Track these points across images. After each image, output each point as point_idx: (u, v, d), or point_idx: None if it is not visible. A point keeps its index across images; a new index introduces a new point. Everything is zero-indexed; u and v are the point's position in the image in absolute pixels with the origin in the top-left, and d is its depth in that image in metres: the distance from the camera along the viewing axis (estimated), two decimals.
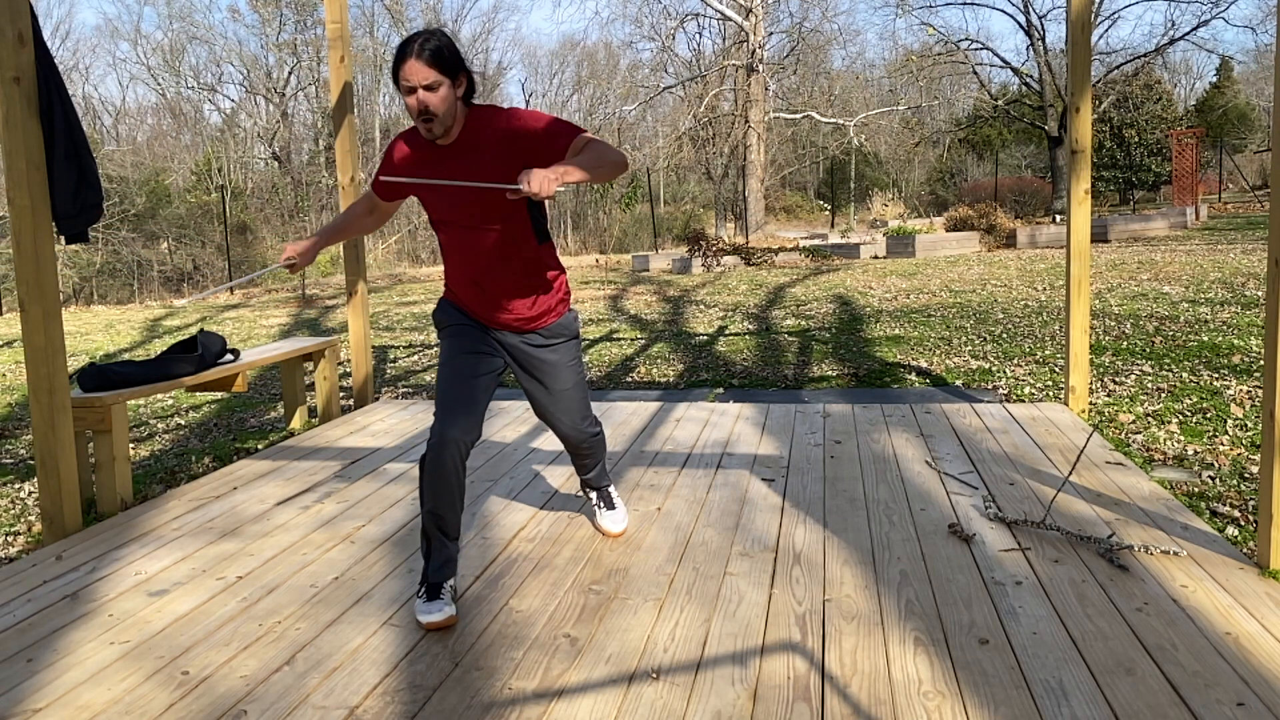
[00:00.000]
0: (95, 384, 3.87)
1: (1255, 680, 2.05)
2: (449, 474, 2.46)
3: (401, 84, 2.31)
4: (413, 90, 2.30)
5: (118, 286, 25.44)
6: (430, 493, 2.48)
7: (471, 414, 2.48)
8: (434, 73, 2.29)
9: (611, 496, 3.14)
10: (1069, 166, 4.60)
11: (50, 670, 2.31)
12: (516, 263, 2.55)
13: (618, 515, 3.12)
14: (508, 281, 2.56)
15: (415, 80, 2.28)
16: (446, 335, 2.65)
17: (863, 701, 2.03)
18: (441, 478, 2.46)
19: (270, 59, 35.85)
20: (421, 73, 2.28)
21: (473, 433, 2.48)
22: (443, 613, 2.45)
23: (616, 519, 3.11)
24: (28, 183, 3.24)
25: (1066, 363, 4.71)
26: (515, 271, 2.56)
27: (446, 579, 2.54)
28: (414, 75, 2.28)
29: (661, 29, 25.86)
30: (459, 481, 2.49)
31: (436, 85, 2.30)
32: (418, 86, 2.29)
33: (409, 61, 2.28)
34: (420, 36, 2.30)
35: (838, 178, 35.45)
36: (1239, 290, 8.66)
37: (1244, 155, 33.90)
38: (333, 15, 5.25)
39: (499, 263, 2.53)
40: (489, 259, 2.52)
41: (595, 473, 3.07)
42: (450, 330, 2.65)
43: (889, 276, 12.54)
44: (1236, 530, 3.08)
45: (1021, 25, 25.62)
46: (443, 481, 2.46)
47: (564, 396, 2.73)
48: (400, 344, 8.72)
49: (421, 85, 2.29)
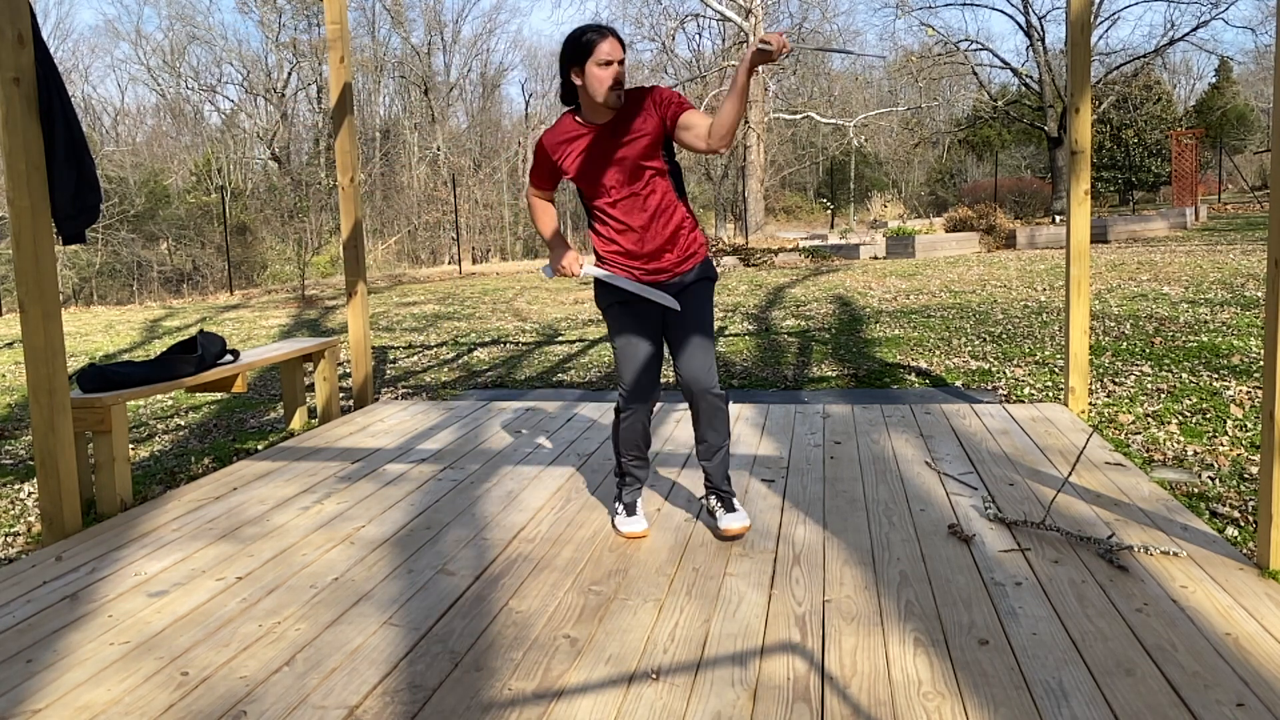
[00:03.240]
0: (95, 384, 3.87)
1: (1255, 681, 2.05)
2: (641, 433, 3.04)
3: (600, 59, 2.72)
4: (610, 63, 2.72)
5: (117, 287, 25.45)
6: (626, 448, 3.06)
7: (654, 383, 2.99)
8: (621, 52, 2.76)
9: (733, 500, 3.09)
10: (1068, 167, 4.60)
11: (50, 671, 2.31)
12: (670, 216, 2.92)
13: (740, 515, 3.03)
14: (664, 235, 2.92)
15: (616, 55, 2.73)
16: (616, 314, 2.99)
17: (862, 702, 2.03)
18: (635, 436, 3.03)
19: (270, 59, 35.85)
20: (618, 51, 2.75)
21: (656, 397, 3.05)
22: (642, 526, 3.07)
23: (739, 518, 3.01)
24: (28, 183, 3.24)
25: (1066, 363, 4.71)
26: (670, 224, 2.92)
27: (639, 498, 3.15)
28: (615, 52, 2.74)
29: (661, 30, 25.88)
30: (648, 434, 3.08)
31: (623, 62, 2.76)
32: (614, 61, 2.73)
33: (609, 39, 2.74)
34: (605, 25, 2.76)
35: (837, 178, 35.45)
36: (1239, 291, 8.66)
37: (1243, 156, 33.91)
38: (333, 15, 5.25)
39: (658, 218, 2.89)
40: (649, 216, 2.89)
41: (719, 459, 3.08)
42: (618, 309, 2.98)
43: (889, 277, 12.54)
44: (1236, 531, 3.08)
45: (1021, 26, 25.64)
46: (639, 439, 3.04)
47: (700, 338, 2.97)
48: (400, 344, 8.72)
49: (617, 60, 2.74)
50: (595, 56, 2.71)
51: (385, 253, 28.09)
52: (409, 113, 38.62)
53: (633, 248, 2.91)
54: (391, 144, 36.72)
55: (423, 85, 37.67)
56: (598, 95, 2.74)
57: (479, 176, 34.63)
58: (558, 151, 2.90)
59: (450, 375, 6.88)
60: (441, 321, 10.50)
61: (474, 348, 8.26)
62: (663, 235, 2.91)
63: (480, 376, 6.76)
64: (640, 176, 2.85)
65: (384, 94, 39.31)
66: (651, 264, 2.94)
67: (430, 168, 35.92)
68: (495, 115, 42.56)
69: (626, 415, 2.99)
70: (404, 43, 37.77)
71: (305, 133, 35.85)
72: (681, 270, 2.98)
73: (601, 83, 2.73)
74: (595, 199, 2.92)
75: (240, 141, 35.05)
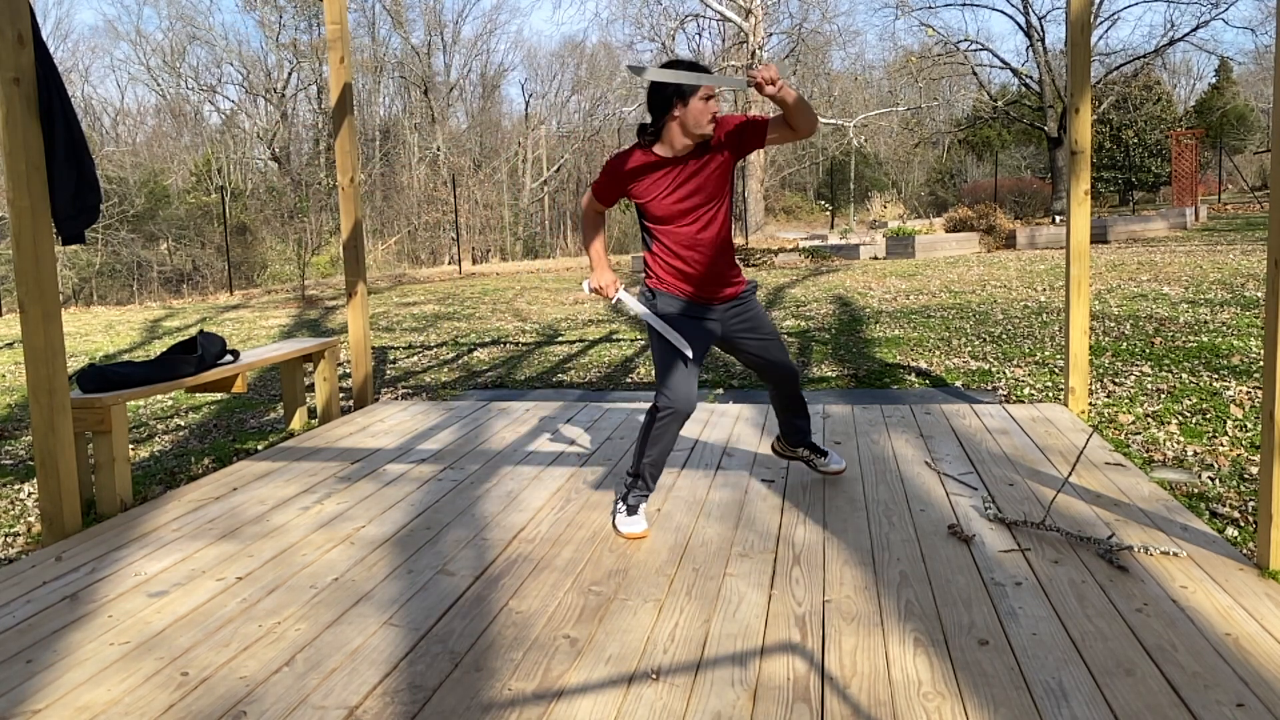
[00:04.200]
0: (95, 385, 3.87)
1: (1255, 681, 2.05)
2: (672, 439, 3.12)
3: (706, 93, 2.86)
4: (711, 98, 2.88)
5: (117, 287, 25.45)
6: (656, 450, 3.11)
7: (694, 392, 3.08)
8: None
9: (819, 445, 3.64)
10: (1068, 167, 4.60)
11: (50, 671, 2.31)
12: (728, 242, 3.10)
13: (835, 456, 3.63)
14: (723, 260, 3.09)
15: (713, 92, 2.90)
16: (673, 320, 3.09)
17: (862, 702, 2.03)
18: (668, 441, 3.10)
19: (270, 59, 35.85)
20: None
21: (694, 407, 3.24)
22: (642, 526, 3.11)
23: (836, 459, 3.62)
24: (28, 183, 3.24)
25: (1066, 363, 4.71)
26: (727, 250, 3.10)
27: (643, 503, 3.18)
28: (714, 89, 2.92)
29: (661, 30, 25.88)
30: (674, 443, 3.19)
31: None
32: (712, 96, 2.89)
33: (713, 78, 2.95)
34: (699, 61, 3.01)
35: (837, 179, 35.44)
36: (1238, 291, 8.66)
37: (1243, 156, 33.90)
38: (332, 16, 5.25)
39: (717, 243, 3.06)
40: (711, 242, 3.04)
41: (806, 426, 3.54)
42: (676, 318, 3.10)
43: (888, 277, 12.54)
44: (1236, 531, 3.08)
45: (1021, 26, 25.62)
46: (669, 444, 3.12)
47: (775, 339, 3.27)
48: (400, 345, 8.72)
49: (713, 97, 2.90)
50: (702, 91, 2.85)
51: (385, 253, 28.09)
52: (409, 113, 38.62)
53: (692, 271, 3.06)
54: (391, 144, 36.72)
55: (423, 85, 37.67)
56: (699, 127, 2.88)
57: (479, 177, 34.63)
58: (631, 180, 3.01)
59: (450, 375, 6.88)
60: (441, 321, 10.50)
61: (474, 348, 8.26)
62: (721, 261, 3.08)
63: (480, 377, 6.76)
64: (708, 206, 3.01)
65: (384, 94, 39.32)
66: (708, 288, 3.10)
67: (430, 168, 35.92)
68: (495, 115, 42.59)
69: (664, 416, 3.06)
70: (404, 43, 37.77)
71: (305, 133, 35.85)
72: (732, 294, 3.16)
73: (704, 115, 2.86)
74: (663, 224, 3.03)
75: (240, 142, 35.04)
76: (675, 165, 2.97)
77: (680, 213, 3.00)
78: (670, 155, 2.96)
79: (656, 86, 2.86)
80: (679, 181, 2.97)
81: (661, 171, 2.97)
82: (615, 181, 3.04)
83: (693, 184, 2.97)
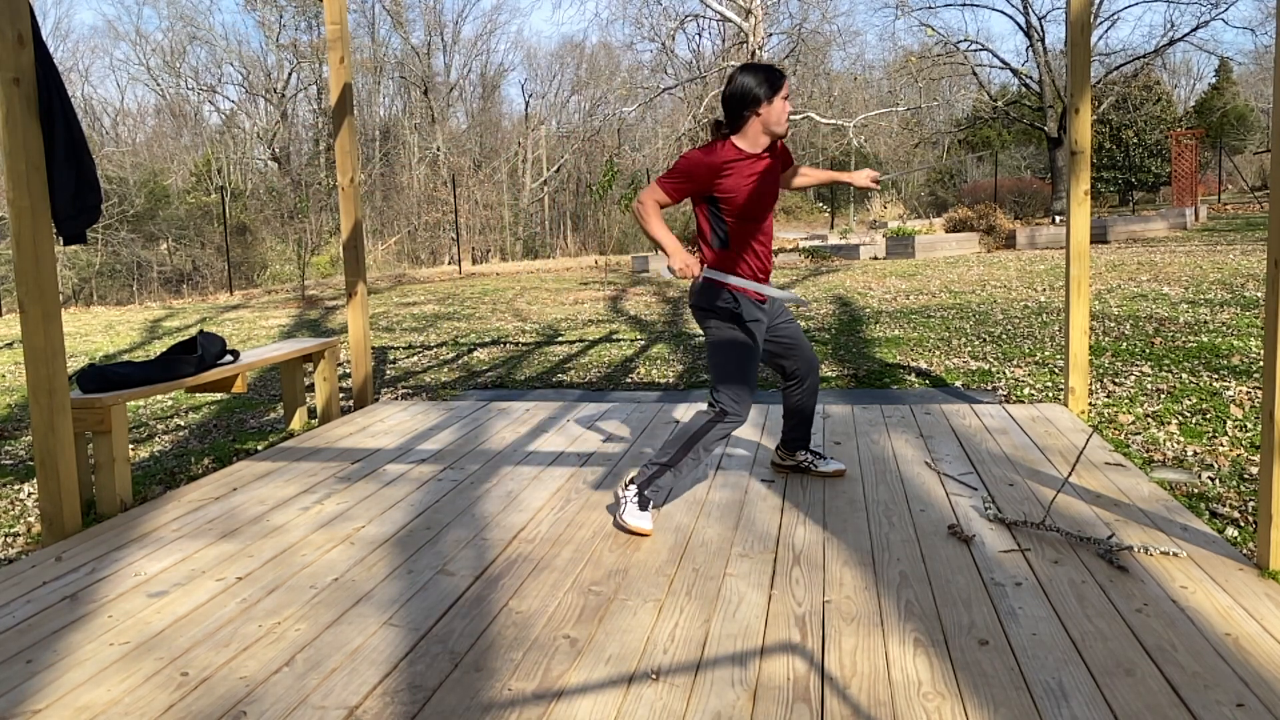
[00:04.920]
0: (95, 385, 3.87)
1: (1255, 681, 2.05)
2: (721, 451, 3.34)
3: (785, 94, 3.07)
4: (788, 98, 3.10)
5: (117, 287, 25.45)
6: (694, 456, 3.16)
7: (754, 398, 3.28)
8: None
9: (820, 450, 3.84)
10: (1068, 167, 4.60)
11: (50, 671, 2.31)
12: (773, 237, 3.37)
13: (835, 461, 3.75)
14: (770, 257, 3.33)
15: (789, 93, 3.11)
16: (738, 326, 3.21)
17: (862, 703, 2.03)
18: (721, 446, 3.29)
19: (270, 59, 35.86)
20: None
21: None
22: (648, 524, 3.13)
23: (834, 462, 3.73)
24: (28, 183, 3.24)
25: (1066, 363, 4.71)
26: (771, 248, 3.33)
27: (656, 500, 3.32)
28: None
29: (661, 30, 25.87)
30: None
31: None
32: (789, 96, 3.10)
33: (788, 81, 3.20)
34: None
35: None
36: (1238, 291, 8.66)
37: (1243, 156, 33.91)
38: (332, 16, 5.25)
39: (770, 242, 3.30)
40: (770, 233, 3.29)
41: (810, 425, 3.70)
42: (741, 323, 3.21)
43: (888, 277, 12.54)
44: (1236, 531, 3.08)
45: (1021, 26, 25.63)
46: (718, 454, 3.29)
47: (801, 332, 3.50)
48: (400, 345, 8.72)
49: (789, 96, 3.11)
50: (783, 91, 3.06)
51: (385, 253, 28.09)
52: (409, 113, 38.63)
53: (759, 264, 3.26)
54: (391, 144, 36.73)
55: (423, 85, 37.67)
56: (779, 126, 3.09)
57: (479, 177, 34.63)
58: (720, 173, 3.09)
59: (450, 375, 6.88)
60: (441, 322, 10.50)
61: (474, 348, 8.26)
62: (770, 258, 3.33)
63: (480, 377, 6.76)
64: (774, 199, 3.27)
65: (384, 94, 39.32)
66: (766, 277, 3.34)
67: (430, 168, 35.92)
68: (495, 115, 42.59)
69: (730, 424, 3.15)
70: (404, 43, 37.78)
71: (305, 133, 35.86)
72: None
73: (784, 114, 3.09)
74: (743, 219, 3.17)
75: (240, 142, 35.05)
76: (756, 160, 3.14)
77: (763, 206, 3.20)
78: (752, 151, 3.13)
79: (743, 85, 3.03)
80: (759, 175, 3.15)
81: (746, 164, 3.13)
82: (703, 175, 3.10)
83: (769, 178, 3.18)
